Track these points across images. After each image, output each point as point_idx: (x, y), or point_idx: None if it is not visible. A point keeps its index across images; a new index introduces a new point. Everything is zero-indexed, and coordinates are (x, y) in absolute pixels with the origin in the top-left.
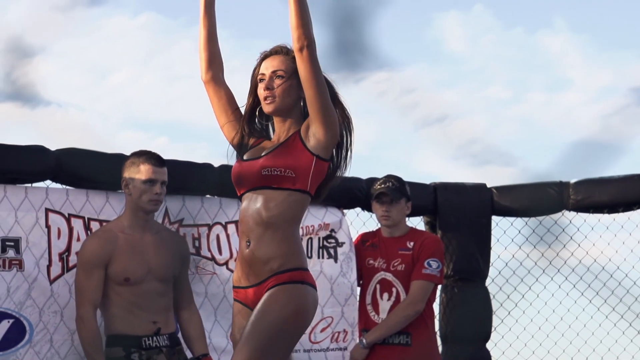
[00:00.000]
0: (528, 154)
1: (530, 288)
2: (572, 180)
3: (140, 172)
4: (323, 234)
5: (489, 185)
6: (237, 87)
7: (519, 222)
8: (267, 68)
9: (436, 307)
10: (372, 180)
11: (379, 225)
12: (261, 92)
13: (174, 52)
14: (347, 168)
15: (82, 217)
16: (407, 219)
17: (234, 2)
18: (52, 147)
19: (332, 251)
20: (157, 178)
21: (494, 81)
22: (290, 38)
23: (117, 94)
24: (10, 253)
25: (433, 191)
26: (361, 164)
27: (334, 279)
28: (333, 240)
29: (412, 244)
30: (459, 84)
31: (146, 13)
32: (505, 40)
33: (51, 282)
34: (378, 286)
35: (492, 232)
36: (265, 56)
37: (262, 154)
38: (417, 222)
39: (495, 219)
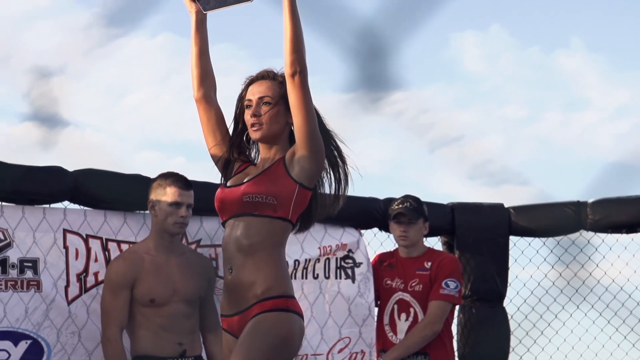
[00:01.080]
0: (545, 174)
1: (548, 308)
2: (590, 200)
3: (167, 194)
4: (341, 254)
5: (506, 205)
6: None
7: (536, 242)
8: (253, 94)
9: (454, 327)
10: (390, 201)
11: (397, 246)
12: (248, 118)
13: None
14: (341, 201)
15: (100, 238)
16: (424, 239)
17: (253, 22)
18: (70, 168)
19: (349, 271)
20: (183, 201)
21: (510, 100)
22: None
23: (134, 115)
24: (29, 274)
25: (450, 211)
26: (378, 184)
27: (351, 300)
28: (351, 261)
29: (429, 264)
30: (476, 104)
31: (164, 34)
32: (522, 60)
33: (69, 302)
34: (396, 306)
35: (510, 252)
36: (251, 81)
37: (245, 180)
38: (435, 243)
39: (513, 239)
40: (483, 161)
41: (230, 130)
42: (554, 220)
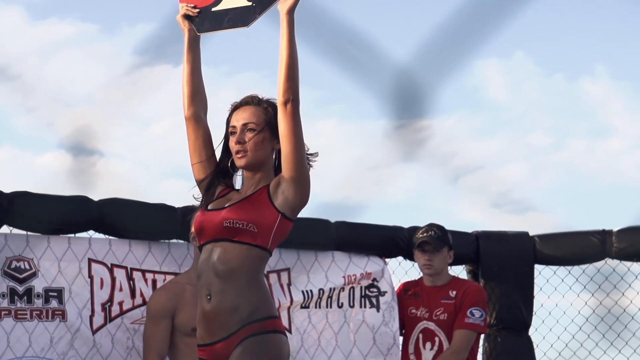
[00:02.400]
0: (570, 201)
1: (573, 337)
2: (615, 229)
3: None
4: (365, 283)
5: (531, 234)
6: None
7: (562, 270)
8: (237, 120)
9: (479, 356)
10: (414, 229)
11: (421, 274)
12: (233, 145)
13: (215, 101)
14: None
15: (125, 267)
16: (449, 267)
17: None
18: (95, 197)
19: (374, 300)
20: None
21: (534, 128)
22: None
23: (159, 143)
24: (54, 303)
25: (475, 239)
26: (402, 212)
27: (376, 329)
28: (375, 290)
29: (454, 292)
30: (500, 132)
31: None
32: (546, 87)
33: (94, 332)
34: (421, 335)
35: (535, 280)
36: (235, 107)
37: (226, 205)
38: (460, 271)
39: (538, 267)
40: (507, 189)
41: (218, 155)
42: (579, 248)
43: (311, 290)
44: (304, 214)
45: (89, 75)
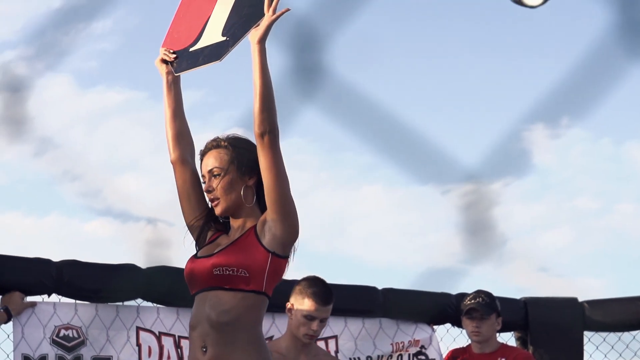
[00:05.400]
0: (618, 267)
1: None
2: None
3: (304, 304)
4: (413, 350)
5: (580, 300)
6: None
7: (611, 337)
8: (203, 169)
9: None
10: (462, 296)
11: (470, 341)
12: (206, 196)
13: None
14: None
15: (173, 335)
16: (497, 334)
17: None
18: (143, 265)
19: None
20: (318, 316)
21: (582, 192)
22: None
23: None
24: None
25: (523, 306)
26: (450, 278)
27: None
28: (423, 357)
29: None
30: (547, 196)
31: (234, 128)
32: (593, 152)
33: None
34: None
35: (585, 347)
36: (201, 155)
37: (216, 251)
38: (508, 338)
39: (587, 334)
40: (555, 253)
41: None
42: (629, 314)
43: (359, 358)
44: (350, 280)
45: (136, 142)
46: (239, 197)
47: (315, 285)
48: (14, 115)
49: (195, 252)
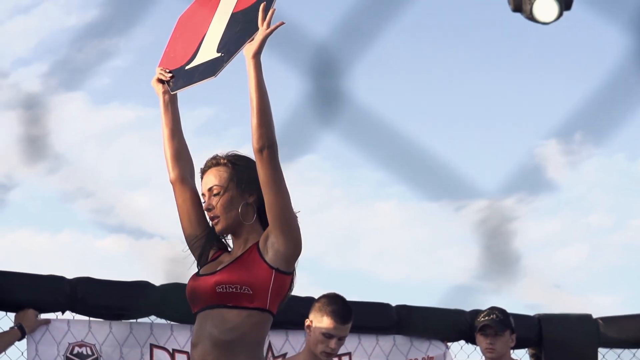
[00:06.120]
0: (633, 282)
1: None
2: None
3: (323, 322)
4: None
5: (594, 316)
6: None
7: (626, 354)
8: (203, 187)
9: None
10: (476, 312)
11: (483, 358)
12: (206, 214)
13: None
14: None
15: (186, 352)
16: (511, 351)
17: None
18: (157, 282)
19: None
20: (336, 334)
21: (595, 208)
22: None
23: None
24: None
25: (537, 323)
26: (463, 295)
27: None
28: None
29: None
30: (560, 212)
31: (247, 145)
32: (607, 167)
33: None
34: None
35: None
36: (201, 174)
37: (218, 268)
38: (522, 355)
39: (601, 350)
40: (569, 270)
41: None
42: None
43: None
44: (364, 297)
45: (149, 159)
46: (237, 215)
47: (335, 303)
48: (29, 133)
49: (197, 270)
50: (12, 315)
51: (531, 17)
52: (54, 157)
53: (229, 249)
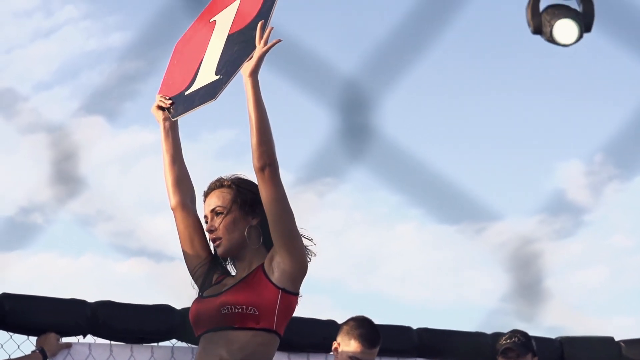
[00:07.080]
0: None
1: None
2: None
3: (350, 346)
4: None
5: (616, 339)
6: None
7: None
8: (206, 209)
9: None
10: (498, 335)
11: None
12: (207, 236)
13: (299, 204)
14: None
15: None
16: None
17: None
18: (178, 306)
19: None
20: (363, 358)
21: (617, 230)
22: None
23: None
24: None
25: (559, 346)
26: (485, 317)
27: None
28: None
29: None
30: (581, 234)
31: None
32: (627, 189)
33: None
34: None
35: None
36: (204, 196)
37: (223, 290)
38: None
39: None
40: (590, 292)
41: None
42: None
43: None
44: (385, 319)
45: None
46: (241, 237)
47: (363, 327)
48: (52, 158)
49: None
50: (33, 339)
51: (551, 40)
52: (75, 180)
53: (232, 274)
